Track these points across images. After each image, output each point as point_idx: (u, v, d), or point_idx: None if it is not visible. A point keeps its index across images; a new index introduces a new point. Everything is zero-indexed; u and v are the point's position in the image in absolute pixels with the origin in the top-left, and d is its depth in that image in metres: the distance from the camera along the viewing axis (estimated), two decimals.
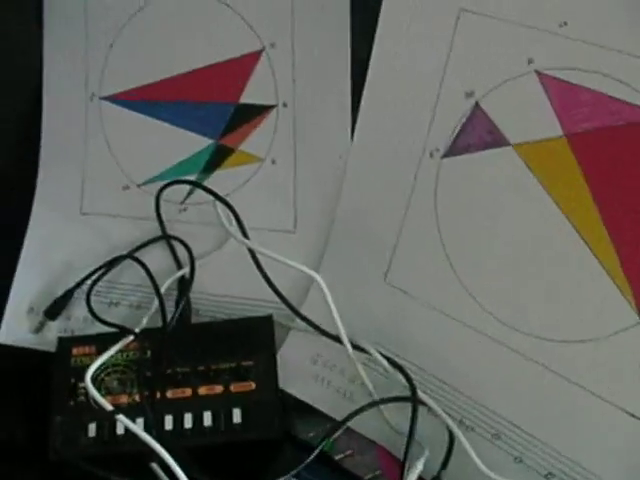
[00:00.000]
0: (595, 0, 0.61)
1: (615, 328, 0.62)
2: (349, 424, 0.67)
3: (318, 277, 0.67)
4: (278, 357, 0.72)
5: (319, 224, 0.74)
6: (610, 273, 0.62)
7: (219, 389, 0.70)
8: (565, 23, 0.62)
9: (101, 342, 0.72)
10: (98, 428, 0.68)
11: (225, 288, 0.77)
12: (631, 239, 0.61)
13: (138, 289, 0.78)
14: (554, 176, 0.64)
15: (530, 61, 0.64)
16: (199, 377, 0.70)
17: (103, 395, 0.68)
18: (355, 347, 0.68)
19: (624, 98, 0.60)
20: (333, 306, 0.67)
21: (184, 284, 0.75)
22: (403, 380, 0.66)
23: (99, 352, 0.71)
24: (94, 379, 0.69)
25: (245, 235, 0.72)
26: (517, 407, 0.65)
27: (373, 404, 0.68)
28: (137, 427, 0.65)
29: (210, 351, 0.71)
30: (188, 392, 0.70)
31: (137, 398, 0.69)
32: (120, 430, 0.67)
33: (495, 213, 0.66)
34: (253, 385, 0.70)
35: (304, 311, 0.71)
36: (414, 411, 0.64)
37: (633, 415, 0.60)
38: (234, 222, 0.72)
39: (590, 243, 0.62)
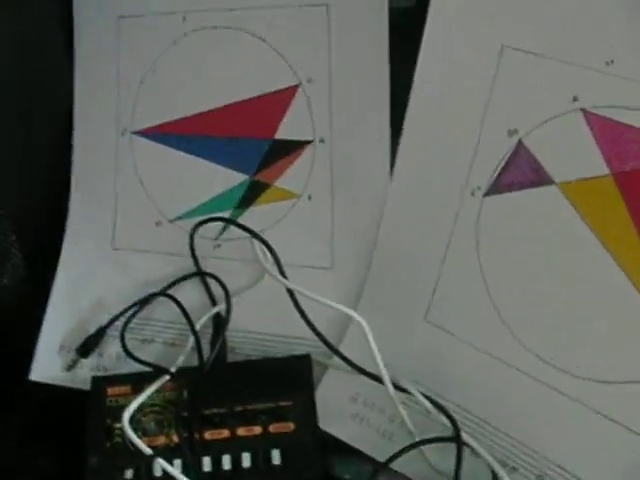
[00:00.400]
0: None
1: None
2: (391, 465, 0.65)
3: (358, 316, 0.67)
4: (316, 396, 0.71)
5: (357, 261, 0.73)
6: None
7: (257, 430, 0.69)
8: (612, 61, 0.61)
9: (136, 381, 0.71)
10: (136, 471, 0.67)
11: (261, 325, 0.76)
12: None
13: (172, 326, 0.77)
14: (600, 216, 0.63)
15: (575, 99, 0.63)
16: (237, 418, 0.69)
17: (139, 437, 0.67)
18: (396, 387, 0.67)
19: None
20: (374, 345, 0.66)
21: (220, 321, 0.74)
22: (444, 420, 0.65)
23: (135, 392, 0.70)
24: (131, 420, 0.68)
25: (282, 272, 0.71)
26: (563, 448, 0.64)
27: (416, 444, 0.66)
28: (175, 470, 0.65)
29: (247, 391, 0.70)
30: (226, 433, 0.69)
31: (174, 439, 0.68)
32: (158, 472, 0.66)
33: (539, 253, 0.65)
34: (292, 426, 0.69)
35: (342, 349, 0.70)
36: (459, 452, 0.63)
37: None
38: (270, 258, 0.71)
39: (637, 284, 0.61)
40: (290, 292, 0.69)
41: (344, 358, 0.69)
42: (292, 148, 0.74)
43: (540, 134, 0.65)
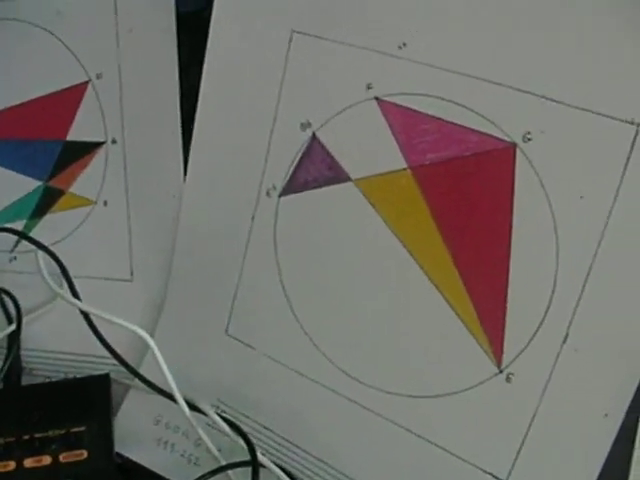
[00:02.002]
0: (435, 18, 0.55)
1: (473, 382, 0.56)
2: None
3: (148, 337, 0.61)
4: (118, 419, 0.65)
5: (158, 272, 0.67)
6: (464, 321, 0.56)
7: (47, 460, 0.62)
8: (404, 45, 0.56)
9: None
10: None
11: (60, 344, 0.70)
12: (485, 283, 0.55)
13: None
14: (400, 215, 0.58)
15: (369, 87, 0.57)
16: (24, 448, 0.63)
17: None
18: (193, 408, 0.61)
19: (470, 125, 0.54)
20: (162, 362, 0.60)
21: (11, 340, 0.68)
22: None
23: None
24: None
25: (73, 290, 0.65)
26: (370, 468, 0.59)
27: (218, 470, 0.61)
28: None
29: (37, 417, 0.64)
30: (12, 465, 0.62)
31: None
32: None
33: (339, 258, 0.60)
34: (85, 453, 0.63)
35: (144, 368, 0.65)
36: (254, 475, 0.58)
37: (492, 474, 0.55)
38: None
39: (442, 289, 0.56)
40: (84, 314, 0.63)
41: (141, 377, 0.64)
42: (84, 150, 0.68)
43: (334, 126, 0.59)
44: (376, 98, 0.57)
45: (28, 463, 0.62)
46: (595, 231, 0.51)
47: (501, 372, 0.55)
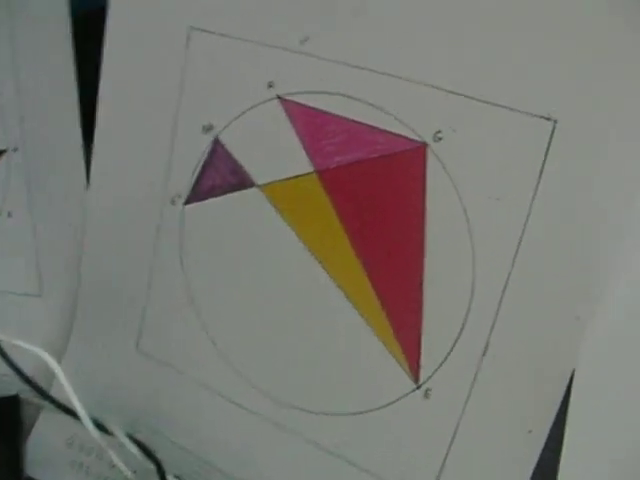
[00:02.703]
0: (339, 11, 0.51)
1: (390, 398, 0.52)
2: None
3: (51, 360, 0.57)
4: (30, 441, 0.62)
5: (68, 286, 0.64)
6: (378, 334, 0.52)
7: None
8: (307, 39, 0.52)
9: None
10: None
11: None
12: (399, 293, 0.51)
13: None
14: (307, 221, 0.54)
15: (271, 85, 0.53)
16: None
17: None
18: (102, 429, 0.58)
19: (378, 125, 0.50)
20: (68, 386, 0.57)
21: None
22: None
23: None
24: None
25: None
26: None
27: None
28: None
29: None
30: None
31: None
32: None
33: (246, 268, 0.56)
34: None
35: (55, 388, 0.61)
36: None
37: None
38: None
39: (353, 300, 0.53)
40: None
41: (50, 398, 0.60)
42: None
43: (237, 129, 0.55)
44: (278, 97, 0.53)
45: None
46: (513, 234, 0.47)
47: (419, 388, 0.51)
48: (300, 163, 0.53)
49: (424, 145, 0.49)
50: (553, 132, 0.46)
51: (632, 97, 0.43)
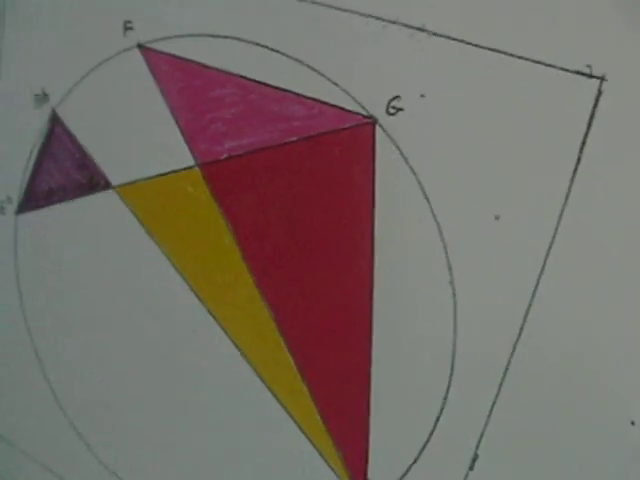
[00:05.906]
0: None
1: None
2: None
3: None
4: None
5: None
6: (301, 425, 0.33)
7: None
8: None
9: None
10: None
11: None
12: (318, 360, 0.33)
13: None
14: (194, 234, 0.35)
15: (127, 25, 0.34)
16: None
17: None
18: None
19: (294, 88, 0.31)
20: None
21: None
22: None
23: None
24: None
25: None
26: None
27: None
28: None
29: None
30: None
31: None
32: None
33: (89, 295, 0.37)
34: None
35: None
36: None
37: None
38: None
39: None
40: None
41: None
42: None
43: (80, 98, 0.36)
44: (139, 45, 0.34)
45: None
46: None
47: None
48: (179, 154, 0.34)
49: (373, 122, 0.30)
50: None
51: None
